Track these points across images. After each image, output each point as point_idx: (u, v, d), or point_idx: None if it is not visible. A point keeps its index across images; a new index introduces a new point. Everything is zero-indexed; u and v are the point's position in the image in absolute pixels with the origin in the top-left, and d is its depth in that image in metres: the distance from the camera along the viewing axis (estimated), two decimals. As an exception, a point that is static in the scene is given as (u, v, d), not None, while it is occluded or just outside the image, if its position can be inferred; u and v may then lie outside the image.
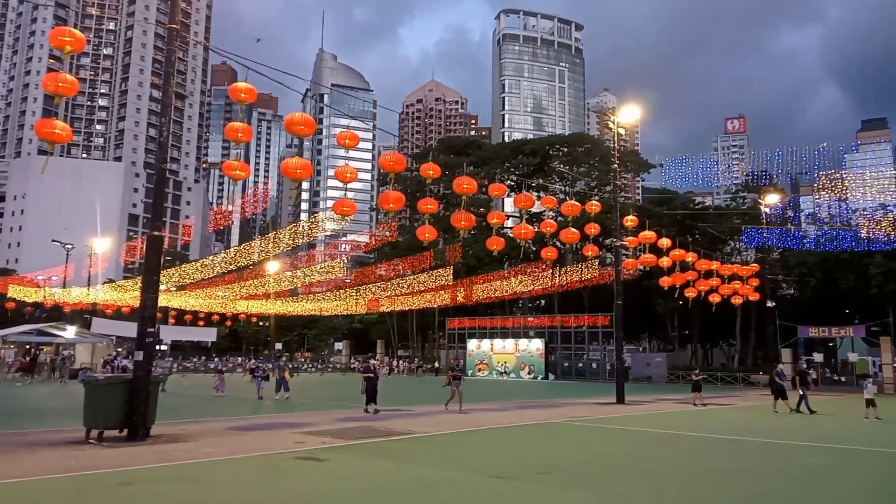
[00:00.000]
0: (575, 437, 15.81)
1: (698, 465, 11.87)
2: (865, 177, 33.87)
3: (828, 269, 52.36)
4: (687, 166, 37.69)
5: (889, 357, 43.49)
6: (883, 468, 12.07)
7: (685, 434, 16.71)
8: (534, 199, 28.03)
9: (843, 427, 19.33)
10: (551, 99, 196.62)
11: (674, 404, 27.45)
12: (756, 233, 41.69)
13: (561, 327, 55.91)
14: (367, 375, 20.57)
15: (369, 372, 20.85)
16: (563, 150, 73.27)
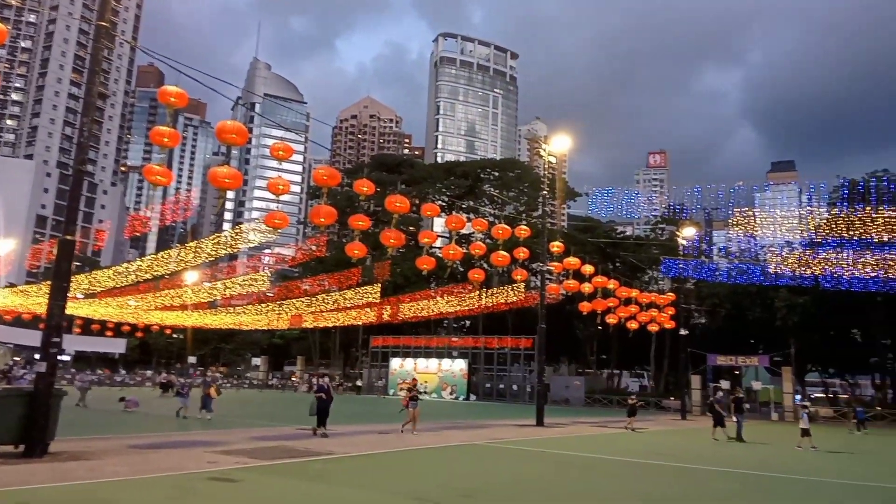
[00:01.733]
0: (497, 460, 15.85)
1: (614, 488, 12.11)
2: (774, 215, 35.99)
3: (737, 300, 55.30)
4: (611, 197, 39.05)
5: (790, 386, 46.12)
6: (790, 494, 12.68)
7: (602, 458, 17.06)
8: (464, 221, 28.28)
9: (760, 454, 20.23)
10: (484, 123, 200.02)
11: (591, 427, 28.05)
12: (673, 263, 43.49)
13: (484, 348, 56.36)
14: (319, 395, 19.24)
15: (322, 391, 19.46)
16: (494, 174, 74.59)
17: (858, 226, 30.30)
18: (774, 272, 36.70)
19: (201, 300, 49.92)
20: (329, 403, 19.05)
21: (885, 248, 31.89)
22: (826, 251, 34.75)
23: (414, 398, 20.81)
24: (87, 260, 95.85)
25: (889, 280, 33.90)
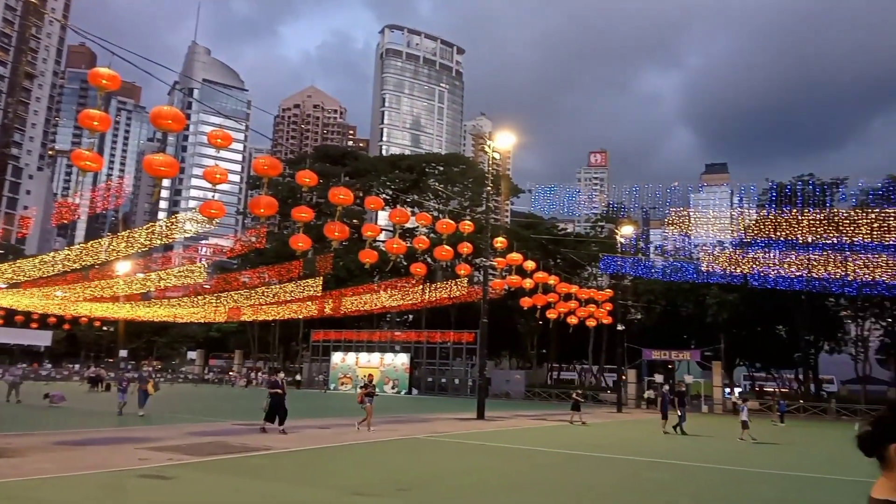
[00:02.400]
0: (437, 453, 15.90)
1: (550, 479, 12.34)
2: (707, 216, 37.35)
3: (671, 297, 57.22)
4: (553, 194, 39.71)
5: (719, 380, 48.03)
6: (711, 481, 13.20)
7: (540, 450, 17.36)
8: (409, 215, 28.21)
9: (696, 445, 20.98)
10: (430, 118, 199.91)
11: (531, 420, 28.51)
12: (611, 260, 44.58)
13: (427, 342, 56.46)
14: (273, 391, 18.56)
15: (276, 387, 18.72)
16: (439, 168, 74.65)
17: (785, 227, 31.73)
18: (706, 270, 38.08)
19: (134, 292, 48.14)
20: (283, 398, 18.45)
21: (809, 249, 33.54)
22: (755, 251, 36.30)
23: (370, 395, 20.43)
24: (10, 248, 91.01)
25: (812, 280, 35.71)
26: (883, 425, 1.97)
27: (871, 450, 1.98)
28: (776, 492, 12.28)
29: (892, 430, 1.93)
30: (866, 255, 32.61)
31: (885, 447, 1.93)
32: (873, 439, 1.97)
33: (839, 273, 33.26)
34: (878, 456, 1.96)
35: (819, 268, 33.36)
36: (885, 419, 1.98)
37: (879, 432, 1.96)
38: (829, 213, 31.78)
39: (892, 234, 29.47)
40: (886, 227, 29.38)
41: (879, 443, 1.95)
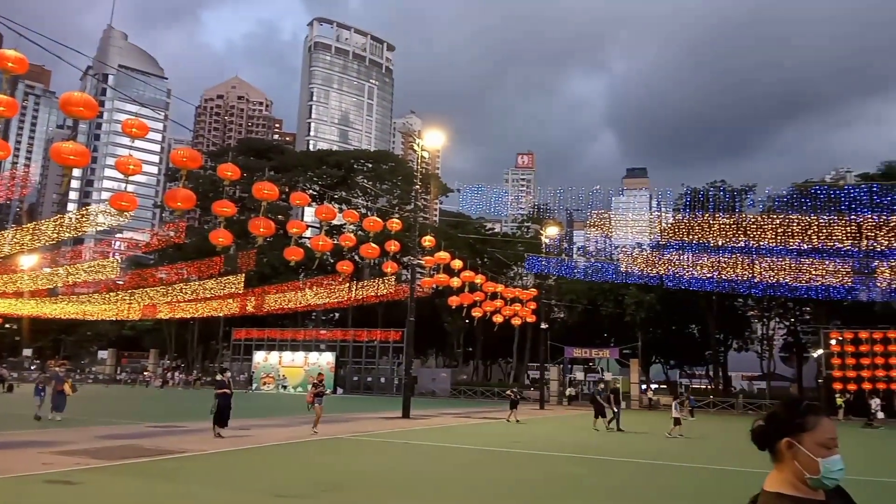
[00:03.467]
0: (362, 453, 15.78)
1: (476, 476, 12.49)
2: (628, 219, 38.70)
3: (592, 297, 59.01)
4: (481, 194, 40.12)
5: (636, 377, 49.88)
6: (627, 475, 13.71)
7: (464, 447, 17.52)
8: (335, 212, 27.85)
9: (619, 440, 21.65)
10: (359, 114, 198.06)
11: (455, 418, 28.73)
12: (536, 260, 45.49)
13: (353, 341, 55.95)
14: (221, 392, 17.51)
15: (224, 388, 17.66)
16: (367, 165, 74.10)
17: (698, 231, 33.27)
18: (625, 271, 39.46)
19: (40, 287, 45.35)
20: (231, 399, 17.60)
21: (719, 252, 35.31)
22: (670, 253, 37.89)
23: (319, 395, 19.65)
24: None
25: (722, 281, 37.62)
26: (775, 421, 2.04)
27: (765, 444, 2.06)
28: (686, 483, 12.88)
29: (784, 426, 2.01)
30: (771, 259, 34.65)
31: (777, 442, 2.00)
32: (766, 434, 2.05)
33: (747, 275, 35.20)
34: (770, 450, 2.04)
35: (728, 270, 35.20)
36: (777, 415, 2.05)
37: (772, 428, 2.04)
38: (738, 218, 33.56)
39: (794, 238, 31.41)
40: (790, 232, 31.29)
41: (772, 438, 2.02)
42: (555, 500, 10.41)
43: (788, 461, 1.98)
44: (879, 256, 33.13)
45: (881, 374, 40.12)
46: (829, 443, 1.95)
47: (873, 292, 41.80)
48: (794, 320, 60.98)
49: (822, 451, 1.94)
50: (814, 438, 1.95)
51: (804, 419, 1.98)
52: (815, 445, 1.95)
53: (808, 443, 1.95)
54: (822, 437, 1.95)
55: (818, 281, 34.82)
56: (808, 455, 1.94)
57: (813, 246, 31.86)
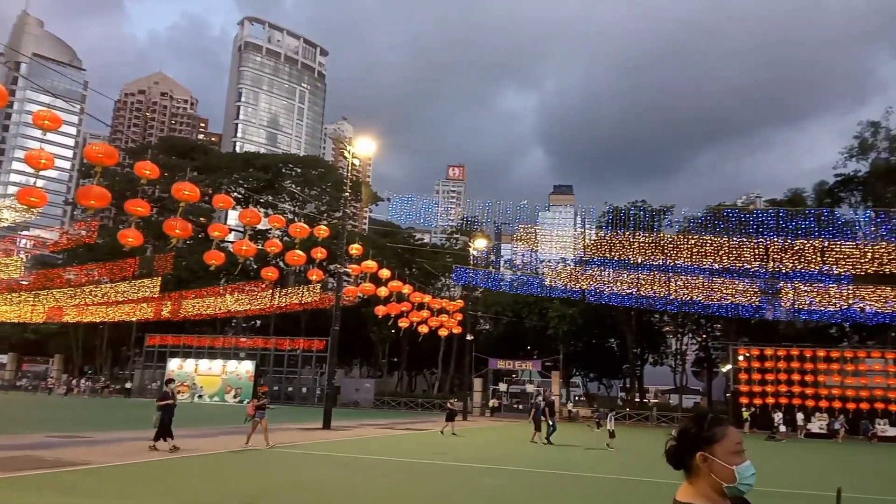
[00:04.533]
0: (280, 464, 15.31)
1: (394, 488, 12.34)
2: (553, 234, 39.60)
3: (518, 309, 59.95)
4: (411, 204, 40.10)
5: (557, 388, 50.89)
6: (548, 486, 13.89)
7: (385, 459, 17.32)
8: (261, 216, 27.16)
9: (547, 453, 21.89)
10: (289, 117, 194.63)
11: (378, 429, 28.41)
12: (464, 272, 45.83)
13: (275, 350, 54.56)
14: (165, 403, 16.48)
15: (168, 398, 16.61)
16: (296, 170, 72.74)
17: (619, 248, 34.41)
18: (550, 285, 40.30)
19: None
20: (174, 409, 16.66)
21: (639, 269, 36.64)
22: (593, 269, 38.99)
23: (262, 407, 18.59)
24: None
25: (641, 297, 39.03)
26: (687, 437, 2.09)
27: (679, 462, 2.10)
28: (603, 492, 13.17)
29: (695, 441, 2.06)
30: (686, 277, 36.24)
31: (690, 457, 2.05)
32: (680, 451, 2.10)
33: (663, 292, 36.65)
34: (685, 467, 2.09)
35: (646, 287, 36.55)
36: (687, 431, 2.11)
37: (684, 444, 2.09)
38: (656, 237, 34.95)
39: (707, 258, 32.97)
40: (703, 252, 32.83)
41: (685, 454, 2.07)
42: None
43: (704, 474, 2.02)
44: (784, 278, 35.23)
45: (783, 390, 42.51)
46: (738, 448, 2.03)
47: (778, 311, 44.40)
48: (706, 336, 63.97)
49: (734, 458, 2.01)
50: (724, 448, 2.02)
51: (713, 431, 2.05)
52: (726, 454, 2.01)
53: (720, 453, 2.01)
54: (732, 446, 2.02)
55: (728, 299, 36.65)
56: (723, 465, 2.00)
57: (724, 266, 33.55)
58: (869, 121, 53.12)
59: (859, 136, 52.99)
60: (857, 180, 53.57)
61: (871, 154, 52.64)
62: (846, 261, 31.49)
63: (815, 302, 36.08)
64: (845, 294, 35.28)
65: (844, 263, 31.58)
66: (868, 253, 31.43)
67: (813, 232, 32.61)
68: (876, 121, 52.93)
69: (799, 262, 31.80)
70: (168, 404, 16.46)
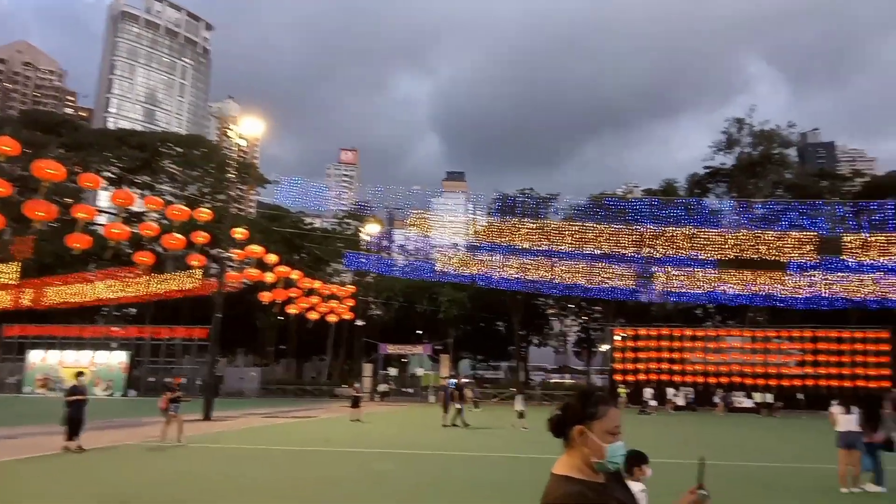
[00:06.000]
0: (154, 460, 14.49)
1: (280, 477, 12.02)
2: (445, 220, 40.01)
3: (409, 294, 60.24)
4: (301, 187, 39.09)
5: (446, 372, 51.67)
6: (436, 469, 14.07)
7: (269, 448, 16.86)
8: (134, 197, 25.44)
9: (443, 436, 22.04)
10: (169, 93, 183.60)
11: (263, 419, 27.63)
12: (355, 257, 45.39)
13: (151, 339, 51.58)
14: (75, 399, 15.00)
15: (77, 393, 15.12)
16: (177, 149, 68.66)
17: (507, 234, 35.35)
18: (441, 270, 40.76)
19: None
20: (85, 406, 15.25)
21: (525, 255, 37.82)
22: (482, 254, 39.83)
23: (176, 400, 17.43)
24: None
25: (527, 281, 40.34)
26: (571, 411, 2.20)
27: (559, 432, 2.21)
28: (487, 472, 13.50)
29: (577, 415, 2.17)
30: (569, 262, 37.83)
31: (570, 429, 2.17)
32: (562, 422, 2.20)
33: (548, 276, 38.08)
34: (564, 437, 2.20)
35: (532, 271, 37.83)
36: (572, 405, 2.22)
37: (567, 416, 2.20)
38: (542, 223, 36.20)
39: (589, 244, 34.59)
40: (585, 238, 34.39)
41: (566, 426, 2.18)
42: (360, 497, 10.34)
43: (578, 447, 2.14)
44: (657, 263, 37.64)
45: (654, 367, 45.56)
46: (614, 430, 2.15)
47: (651, 294, 47.38)
48: (587, 318, 67.33)
49: (609, 437, 2.13)
50: (602, 426, 2.14)
51: (596, 409, 2.16)
52: (603, 433, 2.13)
53: (598, 430, 2.13)
54: (609, 426, 2.14)
55: (607, 283, 38.69)
56: (597, 441, 2.11)
57: (604, 252, 35.34)
58: (735, 118, 57.75)
59: (726, 131, 57.46)
60: (722, 172, 58.09)
61: (737, 148, 57.26)
62: (711, 247, 34.11)
63: (683, 285, 38.87)
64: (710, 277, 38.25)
65: (710, 249, 34.21)
66: (730, 240, 34.20)
67: (683, 220, 35.03)
68: (741, 118, 57.58)
69: (670, 247, 34.08)
70: (78, 400, 15.18)
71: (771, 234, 34.34)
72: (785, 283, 37.60)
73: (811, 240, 33.99)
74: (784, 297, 38.88)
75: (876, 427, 11.59)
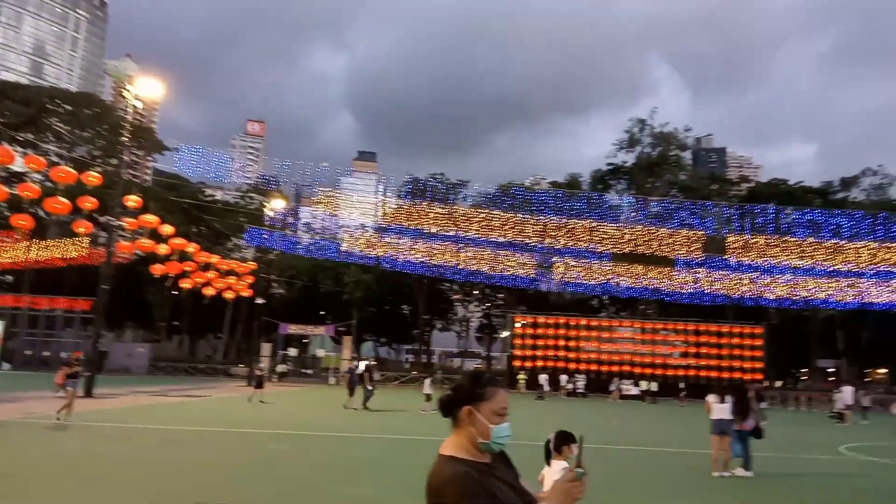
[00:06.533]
0: (29, 439, 13.49)
1: (168, 458, 11.51)
2: (354, 200, 39.49)
3: (314, 274, 59.17)
4: (202, 156, 37.37)
5: (349, 353, 51.29)
6: (331, 449, 13.94)
7: (158, 428, 16.13)
8: (16, 156, 23.36)
9: (314, 417, 21.74)
10: (60, 47, 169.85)
11: (149, 397, 26.40)
12: (258, 233, 44.00)
13: (29, 309, 47.96)
14: None
15: None
16: (66, 107, 63.71)
17: (416, 218, 35.38)
18: (347, 250, 40.30)
19: None
20: None
21: (433, 239, 38.05)
22: (390, 236, 39.68)
23: (74, 375, 16.22)
24: None
25: (433, 266, 40.62)
26: (461, 391, 2.22)
27: (448, 411, 2.22)
28: (379, 452, 13.54)
29: (467, 396, 2.19)
30: (475, 249, 38.41)
31: (459, 409, 2.18)
32: (452, 402, 2.21)
33: (453, 262, 38.51)
34: (452, 417, 2.21)
35: (439, 256, 38.12)
36: (463, 386, 2.24)
37: (457, 397, 2.21)
38: (451, 209, 36.50)
39: (495, 232, 35.23)
40: (491, 226, 35.01)
41: (456, 406, 2.19)
42: (249, 478, 10.07)
43: (466, 427, 2.16)
44: (558, 254, 38.91)
45: (551, 354, 47.19)
46: (501, 411, 2.17)
47: (551, 284, 48.97)
48: (490, 304, 68.73)
49: (496, 418, 2.15)
50: (490, 407, 2.16)
51: (484, 390, 2.18)
52: (490, 414, 2.15)
53: (485, 411, 2.15)
54: (497, 407, 2.16)
55: (510, 271, 39.62)
56: (483, 422, 2.14)
57: (508, 240, 36.13)
58: (637, 118, 60.37)
59: (629, 131, 59.98)
60: (623, 170, 60.67)
61: (638, 148, 59.92)
62: (609, 240, 35.64)
63: (581, 276, 40.43)
64: (605, 270, 39.99)
65: (607, 243, 35.73)
66: (626, 235, 35.86)
67: (584, 213, 36.35)
68: (643, 118, 60.27)
69: (571, 239, 35.30)
70: None
71: (663, 231, 36.31)
72: (672, 278, 39.93)
73: (699, 238, 36.24)
74: (671, 291, 41.30)
75: (746, 415, 12.55)
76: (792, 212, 40.15)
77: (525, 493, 2.20)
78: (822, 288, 39.53)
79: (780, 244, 35.92)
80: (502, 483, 2.15)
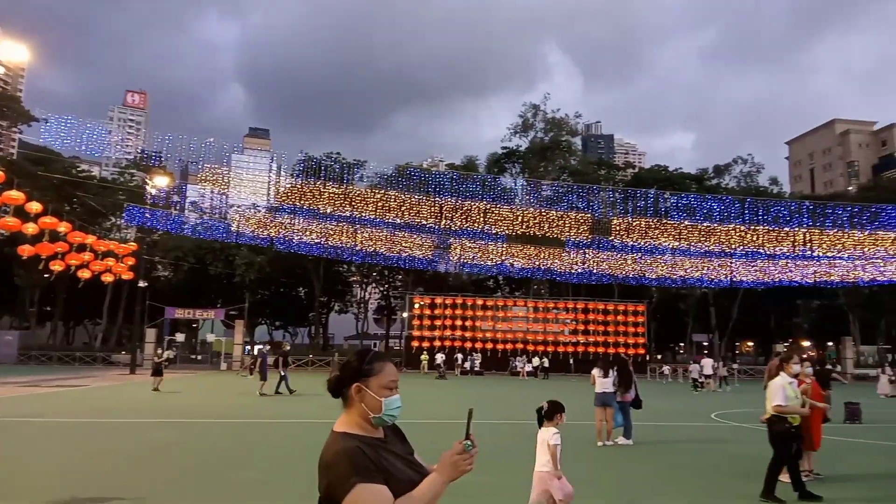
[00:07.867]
0: None
1: (35, 452, 10.67)
2: (245, 178, 37.96)
3: (201, 255, 56.60)
4: (74, 128, 34.62)
5: (240, 338, 49.70)
6: (220, 435, 13.46)
7: (29, 420, 14.94)
8: None
9: (206, 404, 20.88)
10: None
11: (18, 388, 24.41)
12: (139, 212, 41.45)
13: None
14: None
15: None
16: None
17: (310, 197, 34.60)
18: (237, 231, 38.83)
19: None
20: None
21: (328, 220, 37.36)
22: (283, 216, 38.59)
23: None
24: None
25: (329, 247, 39.97)
26: (349, 369, 2.24)
27: (338, 391, 2.25)
28: (275, 437, 13.24)
29: (355, 373, 2.21)
30: (372, 230, 38.15)
31: (348, 388, 2.20)
32: (341, 381, 2.23)
33: (350, 243, 38.07)
34: (342, 396, 2.23)
35: (335, 237, 37.55)
36: (350, 364, 2.26)
37: (345, 375, 2.23)
38: (347, 189, 35.97)
39: (392, 213, 35.10)
40: (389, 207, 34.85)
41: (345, 384, 2.22)
42: (138, 467, 9.53)
43: (356, 404, 2.19)
44: (454, 235, 39.40)
45: (448, 334, 47.95)
46: (390, 384, 2.22)
47: (448, 265, 49.57)
48: (388, 286, 68.68)
49: (385, 392, 2.19)
50: (379, 382, 2.20)
51: (371, 366, 2.22)
52: (379, 388, 2.19)
53: (374, 386, 2.19)
54: (385, 381, 2.21)
55: (408, 252, 39.72)
56: (374, 396, 2.17)
57: (406, 221, 36.15)
58: (532, 103, 61.93)
59: (523, 115, 61.44)
60: (517, 154, 62.18)
61: (531, 132, 61.53)
62: (503, 222, 36.48)
63: (477, 257, 41.21)
64: (500, 251, 40.98)
65: (501, 224, 36.57)
66: (519, 217, 36.85)
67: (480, 196, 36.97)
68: (537, 104, 61.88)
69: (466, 221, 35.83)
70: None
71: (554, 213, 37.62)
72: (563, 259, 41.55)
73: (586, 221, 37.87)
74: (561, 271, 42.98)
75: (628, 387, 13.36)
76: (670, 196, 42.81)
77: (418, 466, 2.23)
78: (697, 268, 42.56)
79: (660, 227, 38.24)
80: (395, 457, 2.17)
